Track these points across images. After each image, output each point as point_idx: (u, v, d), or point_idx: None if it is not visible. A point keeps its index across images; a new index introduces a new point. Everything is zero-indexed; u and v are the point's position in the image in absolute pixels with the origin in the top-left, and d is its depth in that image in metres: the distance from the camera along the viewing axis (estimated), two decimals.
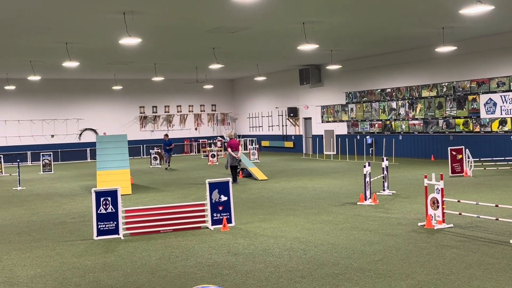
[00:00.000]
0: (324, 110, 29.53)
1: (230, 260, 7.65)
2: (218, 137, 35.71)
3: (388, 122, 25.59)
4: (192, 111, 36.18)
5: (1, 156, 24.34)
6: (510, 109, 20.15)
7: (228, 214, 10.20)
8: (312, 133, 30.57)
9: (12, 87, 28.52)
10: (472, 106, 21.60)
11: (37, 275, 7.23)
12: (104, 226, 9.45)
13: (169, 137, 26.64)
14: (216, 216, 10.11)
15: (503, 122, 20.44)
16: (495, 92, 20.65)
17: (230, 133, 18.88)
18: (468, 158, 17.25)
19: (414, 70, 24.12)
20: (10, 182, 20.12)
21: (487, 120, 21.00)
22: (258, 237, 9.08)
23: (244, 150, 33.12)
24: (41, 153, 25.52)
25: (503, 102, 20.38)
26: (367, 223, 9.90)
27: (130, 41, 14.64)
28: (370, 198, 12.20)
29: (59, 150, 31.65)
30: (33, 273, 7.36)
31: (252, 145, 30.58)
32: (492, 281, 6.22)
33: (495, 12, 15.39)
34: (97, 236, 9.39)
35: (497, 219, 8.91)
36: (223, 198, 10.23)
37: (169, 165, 24.26)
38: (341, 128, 28.43)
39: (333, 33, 18.14)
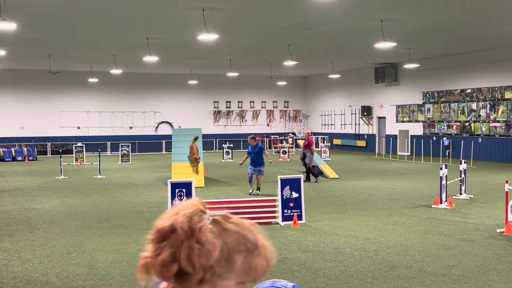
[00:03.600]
0: (399, 109, 28.85)
1: (300, 256, 7.68)
2: (290, 134, 35.75)
3: (467, 123, 24.63)
4: (265, 107, 36.42)
5: (83, 145, 25.59)
6: None
7: (299, 211, 10.22)
8: (386, 132, 29.96)
9: (95, 80, 29.89)
10: None
11: (115, 261, 7.57)
12: None
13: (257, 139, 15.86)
14: (287, 213, 10.16)
15: None
16: None
17: (307, 131, 18.41)
18: None
19: (497, 70, 23.06)
20: (91, 170, 21.11)
21: None
22: (328, 235, 9.04)
23: (316, 148, 32.95)
24: (120, 144, 26.57)
25: None
26: (442, 227, 9.61)
27: (207, 37, 14.96)
28: (445, 201, 11.82)
29: (136, 141, 32.83)
30: (111, 258, 7.71)
31: (324, 143, 30.39)
32: None
33: None
34: None
35: None
36: (294, 194, 10.26)
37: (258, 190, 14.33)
38: (416, 129, 27.67)
39: (412, 30, 17.68)
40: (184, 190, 9.78)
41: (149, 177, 18.67)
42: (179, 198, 9.74)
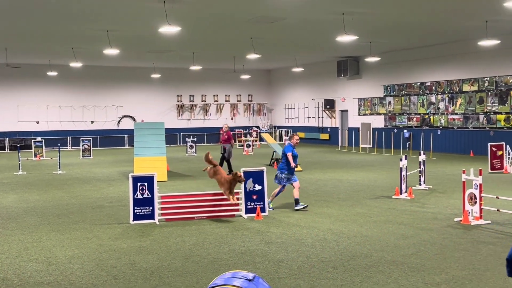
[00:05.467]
0: (361, 102, 29.22)
1: (263, 248, 7.71)
2: (254, 127, 35.79)
3: (426, 116, 25.15)
4: (229, 101, 36.34)
5: (43, 140, 25.02)
6: None
7: (262, 203, 10.25)
8: (349, 125, 30.32)
9: (54, 73, 29.22)
10: None
11: (75, 256, 7.44)
12: (140, 211, 9.63)
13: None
14: (250, 205, 10.17)
15: None
16: None
17: (226, 125, 17.99)
18: (509, 154, 16.83)
19: (455, 64, 23.60)
20: (50, 166, 20.67)
21: None
22: (291, 227, 9.10)
23: (280, 141, 33.12)
24: (81, 139, 26.10)
25: None
26: (401, 217, 9.80)
27: (169, 29, 14.79)
28: (405, 192, 12.06)
29: (98, 136, 32.30)
30: (71, 254, 7.57)
31: (287, 136, 30.52)
32: None
33: None
34: (133, 220, 9.58)
35: None
36: (258, 187, 10.28)
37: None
38: (378, 121, 28.09)
39: (373, 24, 17.90)
40: (146, 184, 9.68)
41: (111, 172, 18.41)
42: (140, 192, 9.63)
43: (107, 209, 11.14)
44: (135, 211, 9.62)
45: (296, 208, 10.62)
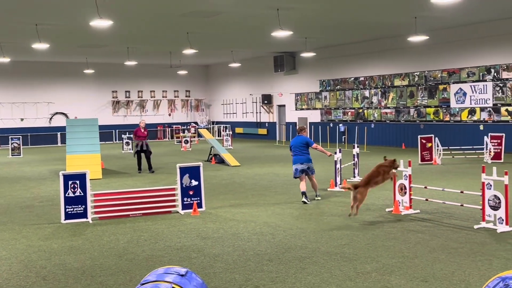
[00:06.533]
0: (298, 97, 29.61)
1: (199, 244, 7.66)
2: (192, 123, 35.54)
3: (360, 110, 25.80)
4: (166, 97, 35.90)
5: None
6: (479, 99, 20.51)
7: (198, 198, 10.19)
8: (286, 120, 30.65)
9: None
10: (443, 96, 21.92)
11: (2, 258, 7.13)
12: (72, 209, 9.34)
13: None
14: (187, 201, 10.09)
15: (472, 111, 20.81)
16: (465, 82, 20.99)
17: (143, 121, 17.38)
18: (438, 146, 17.53)
19: (387, 59, 24.33)
20: None
21: (457, 110, 21.35)
22: (228, 222, 9.10)
23: (218, 136, 33.07)
24: (10, 137, 25.04)
25: (473, 92, 20.73)
26: (336, 209, 10.01)
27: (101, 23, 14.41)
28: (340, 184, 12.32)
29: (28, 134, 31.11)
30: None
31: (225, 131, 30.52)
32: (454, 265, 6.36)
33: (466, 3, 15.59)
34: (64, 220, 9.28)
35: (462, 205, 9.10)
36: (194, 182, 10.20)
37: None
38: (314, 116, 28.56)
39: (308, 20, 18.14)
40: (77, 182, 9.39)
41: (42, 170, 17.77)
42: (72, 190, 9.34)
43: (37, 208, 10.75)
44: (67, 210, 9.32)
45: (305, 200, 10.57)
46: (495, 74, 19.93)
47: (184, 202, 10.07)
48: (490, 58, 20.16)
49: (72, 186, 9.36)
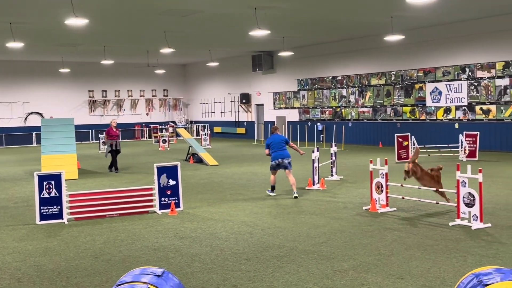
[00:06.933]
0: (276, 96, 29.66)
1: (177, 243, 7.62)
2: (170, 123, 35.35)
3: (338, 109, 25.96)
4: (143, 96, 35.65)
5: None
6: (455, 98, 20.81)
7: (176, 198, 10.13)
8: (264, 119, 30.69)
9: None
10: (419, 95, 22.18)
11: None
12: (47, 210, 9.21)
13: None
14: (164, 201, 10.03)
15: (447, 110, 21.10)
16: (441, 81, 21.27)
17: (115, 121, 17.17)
18: (414, 145, 17.73)
19: (364, 58, 24.52)
20: None
21: (433, 108, 21.62)
22: (205, 221, 9.07)
23: (196, 136, 32.95)
24: None
25: (448, 91, 21.02)
26: (314, 207, 10.05)
27: (77, 22, 14.23)
28: (318, 183, 12.38)
29: (3, 134, 30.61)
30: None
31: (204, 130, 30.42)
32: (429, 262, 6.43)
33: (441, 3, 15.79)
34: (40, 221, 9.15)
35: (437, 203, 9.22)
36: (172, 182, 10.14)
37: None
38: (292, 115, 28.65)
39: (285, 19, 18.18)
40: (53, 183, 9.27)
41: (17, 171, 17.49)
42: (47, 191, 9.21)
43: (12, 210, 10.57)
44: (42, 211, 9.19)
45: (271, 194, 11.46)
46: (470, 73, 20.24)
47: (162, 202, 10.01)
48: (465, 57, 20.48)
49: (47, 186, 9.23)
